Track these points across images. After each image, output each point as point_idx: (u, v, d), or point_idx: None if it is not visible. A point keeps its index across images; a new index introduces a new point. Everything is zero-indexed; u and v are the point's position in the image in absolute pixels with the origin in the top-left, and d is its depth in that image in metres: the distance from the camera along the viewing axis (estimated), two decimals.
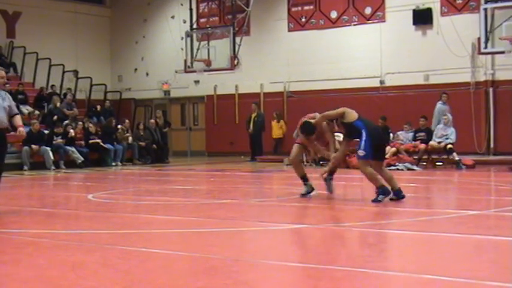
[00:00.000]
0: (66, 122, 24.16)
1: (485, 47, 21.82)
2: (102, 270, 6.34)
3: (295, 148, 12.41)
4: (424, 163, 21.27)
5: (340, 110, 11.73)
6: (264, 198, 12.44)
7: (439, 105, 21.98)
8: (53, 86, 28.32)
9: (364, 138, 11.20)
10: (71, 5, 30.83)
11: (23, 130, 10.76)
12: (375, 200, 11.17)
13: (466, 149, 22.89)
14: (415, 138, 21.66)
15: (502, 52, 21.53)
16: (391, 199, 11.18)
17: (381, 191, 11.21)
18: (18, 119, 10.76)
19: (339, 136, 12.53)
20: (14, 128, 10.96)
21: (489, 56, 23.43)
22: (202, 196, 13.97)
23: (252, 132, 26.03)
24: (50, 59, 28.85)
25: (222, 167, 22.77)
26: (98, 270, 6.33)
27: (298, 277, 6.10)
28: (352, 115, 11.55)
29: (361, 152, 11.23)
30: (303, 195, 12.18)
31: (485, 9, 21.98)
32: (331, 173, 12.29)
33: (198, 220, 9.75)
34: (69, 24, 30.90)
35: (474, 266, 6.38)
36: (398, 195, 11.32)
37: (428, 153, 21.43)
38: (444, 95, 22.05)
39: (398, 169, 19.67)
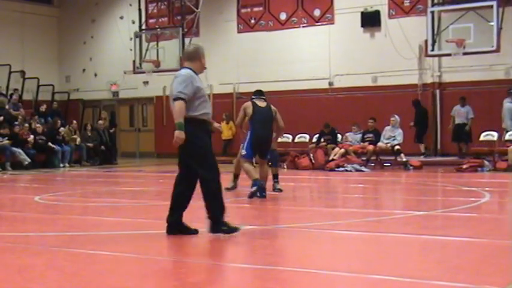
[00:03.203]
0: (16, 123, 23.81)
1: (432, 50, 22.07)
2: (49, 272, 6.27)
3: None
4: (372, 164, 21.46)
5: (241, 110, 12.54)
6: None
7: (507, 103, 21.41)
8: None
9: (247, 139, 12.23)
10: (17, 5, 30.40)
11: None
12: (251, 196, 11.91)
13: (414, 150, 23.16)
14: (363, 140, 21.84)
15: (449, 54, 21.81)
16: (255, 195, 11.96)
17: (254, 183, 11.91)
18: None
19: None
20: None
21: (436, 59, 23.72)
22: (151, 198, 13.91)
23: None
24: None
25: (172, 169, 22.64)
26: (45, 272, 6.26)
27: (245, 278, 6.11)
28: (248, 112, 12.31)
29: (243, 152, 12.33)
30: (228, 189, 12.87)
31: (432, 12, 22.25)
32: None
33: (146, 222, 9.71)
34: (16, 24, 30.48)
35: (421, 266, 6.45)
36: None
37: (376, 155, 21.63)
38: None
39: (346, 170, 19.82)
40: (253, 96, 12.80)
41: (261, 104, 12.45)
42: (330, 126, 22.32)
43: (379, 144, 21.24)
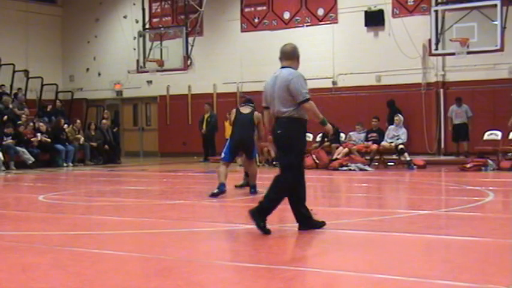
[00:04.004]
0: (19, 122, 23.85)
1: (436, 49, 22.04)
2: (53, 271, 6.27)
3: None
4: (376, 163, 21.45)
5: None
6: (216, 198, 12.42)
7: None
8: (2, 85, 27.94)
9: (227, 144, 13.14)
10: (22, 4, 30.42)
11: None
12: (212, 195, 12.52)
13: (417, 149, 23.15)
14: (367, 139, 21.83)
15: (453, 54, 21.77)
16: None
17: (219, 185, 12.56)
18: None
19: None
20: None
21: (440, 58, 23.69)
22: (155, 197, 13.91)
23: (205, 133, 25.97)
24: (0, 58, 28.47)
25: (175, 168, 22.70)
26: (49, 271, 6.27)
27: (250, 277, 6.10)
28: (231, 118, 13.52)
29: (222, 155, 13.08)
30: (237, 186, 13.77)
31: (436, 11, 22.20)
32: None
33: (150, 221, 9.71)
34: (20, 23, 30.49)
35: (425, 265, 6.44)
36: (254, 190, 12.93)
37: (380, 154, 21.61)
38: None
39: (350, 169, 19.81)
40: (241, 104, 13.77)
41: (245, 110, 13.19)
42: (334, 126, 22.32)
43: (383, 143, 21.23)
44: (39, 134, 23.76)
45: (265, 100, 8.47)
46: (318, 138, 22.65)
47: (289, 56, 8.45)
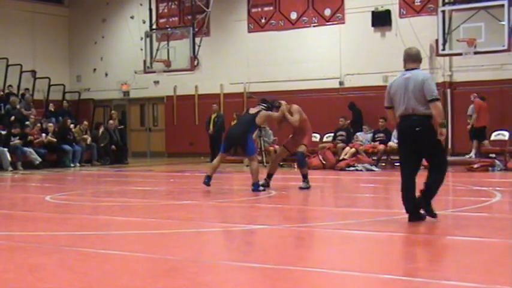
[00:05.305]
0: (27, 123, 23.89)
1: (443, 49, 22.03)
2: (60, 272, 6.28)
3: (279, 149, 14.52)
4: (383, 164, 21.42)
5: None
6: (223, 199, 12.43)
7: None
8: (9, 86, 28.01)
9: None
10: (28, 5, 30.48)
11: None
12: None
13: None
14: (374, 139, 21.81)
15: (460, 54, 21.75)
16: None
17: (206, 176, 13.64)
18: None
19: None
20: None
21: (447, 58, 23.66)
22: (162, 197, 13.92)
23: (212, 133, 25.95)
24: (7, 58, 28.52)
25: (182, 168, 22.71)
26: (56, 272, 6.28)
27: (256, 278, 6.10)
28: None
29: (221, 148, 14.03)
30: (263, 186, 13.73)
31: (443, 12, 22.20)
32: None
33: (157, 221, 9.72)
34: (27, 23, 30.56)
35: (432, 265, 6.44)
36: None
37: (387, 154, 21.57)
38: None
39: (357, 170, 19.80)
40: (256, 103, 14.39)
41: (252, 110, 13.86)
42: (345, 126, 22.51)
43: (390, 143, 21.19)
44: (44, 135, 23.79)
45: (389, 100, 9.30)
46: (325, 138, 22.66)
47: (416, 58, 9.11)
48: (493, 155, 20.28)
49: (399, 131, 9.17)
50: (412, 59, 9.06)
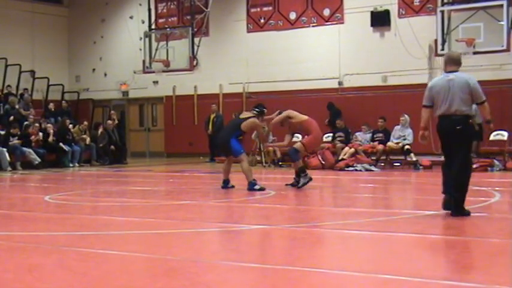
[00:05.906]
0: (26, 123, 23.87)
1: (442, 49, 22.02)
2: (59, 272, 6.28)
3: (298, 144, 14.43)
4: (382, 164, 21.43)
5: None
6: (223, 199, 12.43)
7: None
8: (8, 86, 28.00)
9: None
10: (28, 5, 30.46)
11: None
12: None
13: (424, 150, 23.07)
14: (373, 139, 21.81)
15: None
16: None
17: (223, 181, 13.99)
18: None
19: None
20: None
21: None
22: (161, 197, 13.92)
23: (211, 133, 25.96)
24: (6, 58, 28.52)
25: (181, 168, 22.71)
26: (55, 272, 6.28)
27: (256, 278, 6.10)
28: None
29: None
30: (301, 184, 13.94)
31: (442, 12, 22.22)
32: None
33: (156, 221, 9.71)
34: (26, 23, 30.54)
35: (431, 265, 6.44)
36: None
37: (386, 154, 21.58)
38: None
39: (356, 170, 19.81)
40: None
41: (243, 115, 14.13)
42: (344, 127, 22.57)
43: (389, 143, 21.20)
44: (41, 134, 23.76)
45: (429, 100, 9.82)
46: (325, 138, 22.67)
47: (457, 61, 9.73)
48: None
49: (440, 129, 9.80)
50: (453, 61, 9.67)
